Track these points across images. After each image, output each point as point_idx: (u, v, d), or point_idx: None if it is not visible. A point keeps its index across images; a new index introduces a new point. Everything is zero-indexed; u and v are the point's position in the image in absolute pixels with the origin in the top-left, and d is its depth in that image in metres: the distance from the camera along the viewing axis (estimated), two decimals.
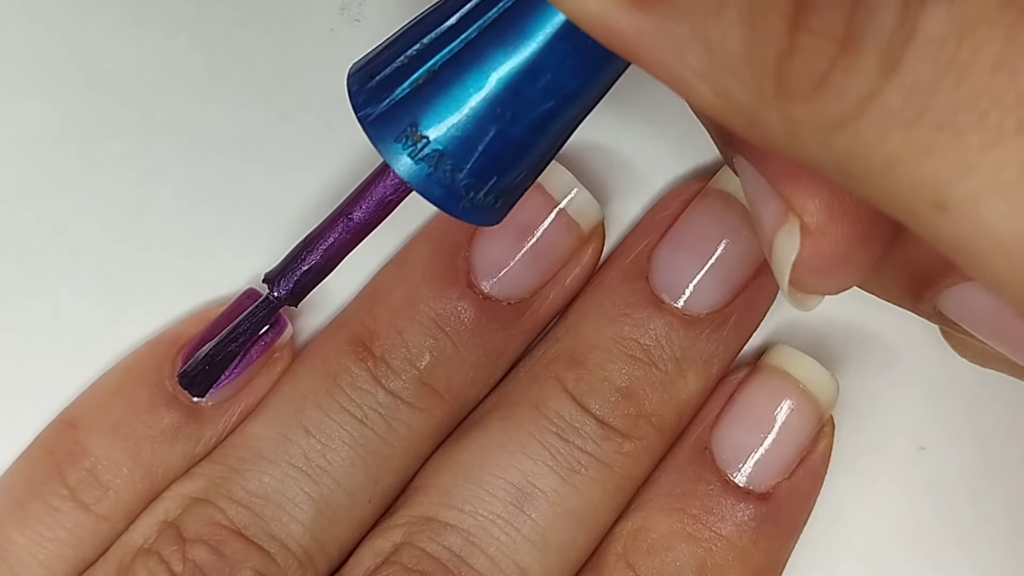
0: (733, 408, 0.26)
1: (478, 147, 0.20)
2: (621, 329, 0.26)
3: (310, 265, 0.23)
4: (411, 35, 0.20)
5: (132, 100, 0.27)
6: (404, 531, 0.25)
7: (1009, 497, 0.28)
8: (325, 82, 0.27)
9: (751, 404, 0.26)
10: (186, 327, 0.27)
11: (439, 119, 0.19)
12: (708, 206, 0.26)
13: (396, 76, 0.20)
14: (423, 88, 0.19)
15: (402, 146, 0.20)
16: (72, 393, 0.27)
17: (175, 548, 0.25)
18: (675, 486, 0.26)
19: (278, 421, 0.26)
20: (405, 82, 0.20)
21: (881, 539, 0.28)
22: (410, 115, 0.20)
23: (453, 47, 0.19)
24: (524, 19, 0.19)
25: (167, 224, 0.27)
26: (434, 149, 0.20)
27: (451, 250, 0.26)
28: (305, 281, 0.23)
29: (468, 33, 0.19)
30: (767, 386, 0.26)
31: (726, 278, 0.26)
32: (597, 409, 0.26)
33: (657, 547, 0.25)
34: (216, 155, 0.27)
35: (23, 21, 0.27)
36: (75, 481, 0.25)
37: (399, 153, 0.20)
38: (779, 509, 0.26)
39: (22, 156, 0.27)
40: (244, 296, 0.26)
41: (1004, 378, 0.28)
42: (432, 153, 0.20)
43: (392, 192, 0.22)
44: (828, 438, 0.27)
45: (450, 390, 0.26)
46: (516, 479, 0.25)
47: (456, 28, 0.19)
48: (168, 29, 0.27)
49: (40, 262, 0.27)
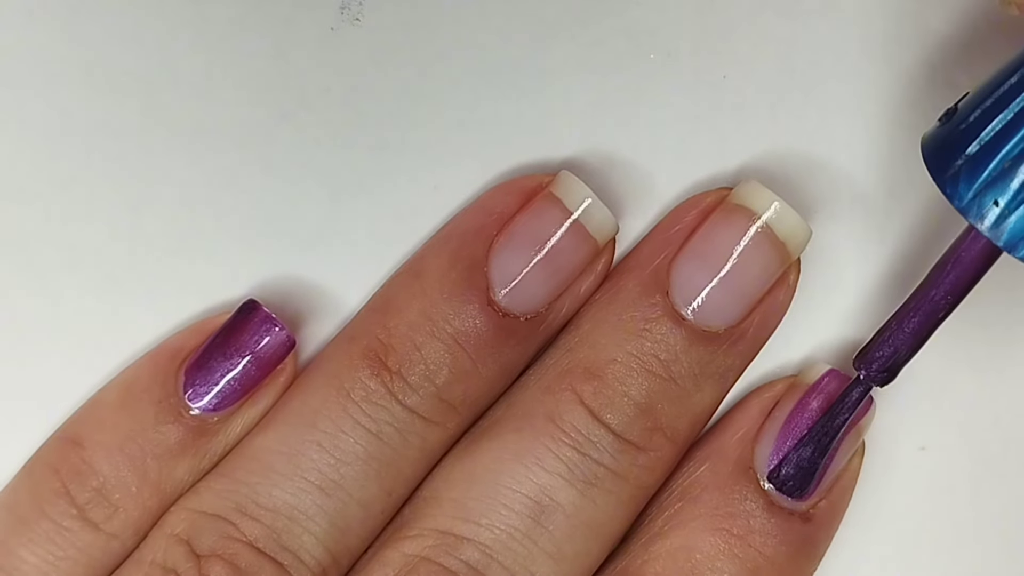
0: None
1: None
2: (641, 344, 0.26)
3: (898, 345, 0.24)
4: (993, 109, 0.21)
5: (132, 100, 0.27)
6: (418, 543, 0.25)
7: (1009, 497, 0.28)
8: (325, 82, 0.27)
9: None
10: (186, 338, 0.27)
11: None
12: (728, 221, 0.26)
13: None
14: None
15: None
16: (72, 393, 0.27)
17: (191, 564, 0.25)
18: (718, 506, 0.26)
19: (290, 435, 0.26)
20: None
21: (881, 539, 0.28)
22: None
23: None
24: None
25: (167, 224, 0.27)
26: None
27: (469, 265, 0.26)
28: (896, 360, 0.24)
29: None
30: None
31: (744, 294, 0.26)
32: (614, 423, 0.26)
33: (701, 567, 0.25)
34: (216, 155, 0.27)
35: (23, 20, 0.27)
36: (84, 501, 0.25)
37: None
38: (819, 528, 0.26)
39: (22, 156, 0.27)
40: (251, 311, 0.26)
41: (1004, 378, 0.28)
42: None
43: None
44: (859, 456, 0.27)
45: (465, 403, 0.26)
46: (533, 492, 0.25)
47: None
48: (168, 29, 0.27)
49: (40, 262, 0.27)
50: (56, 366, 0.27)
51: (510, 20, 0.27)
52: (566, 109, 0.27)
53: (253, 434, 0.26)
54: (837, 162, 0.27)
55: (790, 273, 0.26)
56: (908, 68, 0.27)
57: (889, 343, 0.24)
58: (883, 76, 0.27)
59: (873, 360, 0.25)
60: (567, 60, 0.27)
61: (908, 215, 0.28)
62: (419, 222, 0.27)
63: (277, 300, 0.27)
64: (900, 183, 0.28)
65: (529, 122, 0.27)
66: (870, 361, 0.25)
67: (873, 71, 0.27)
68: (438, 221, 0.27)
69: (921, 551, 0.28)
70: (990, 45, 0.27)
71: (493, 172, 0.27)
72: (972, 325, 0.28)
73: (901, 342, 0.24)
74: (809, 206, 0.27)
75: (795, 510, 0.26)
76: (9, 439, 0.27)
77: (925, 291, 0.24)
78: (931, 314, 0.24)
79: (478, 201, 0.27)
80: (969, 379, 0.28)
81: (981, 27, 0.27)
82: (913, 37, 0.27)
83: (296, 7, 0.27)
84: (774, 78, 0.27)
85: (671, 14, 0.27)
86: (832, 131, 0.27)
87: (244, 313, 0.26)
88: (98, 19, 0.27)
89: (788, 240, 0.26)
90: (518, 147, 0.28)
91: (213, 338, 0.26)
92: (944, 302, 0.24)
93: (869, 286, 0.28)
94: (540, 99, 0.27)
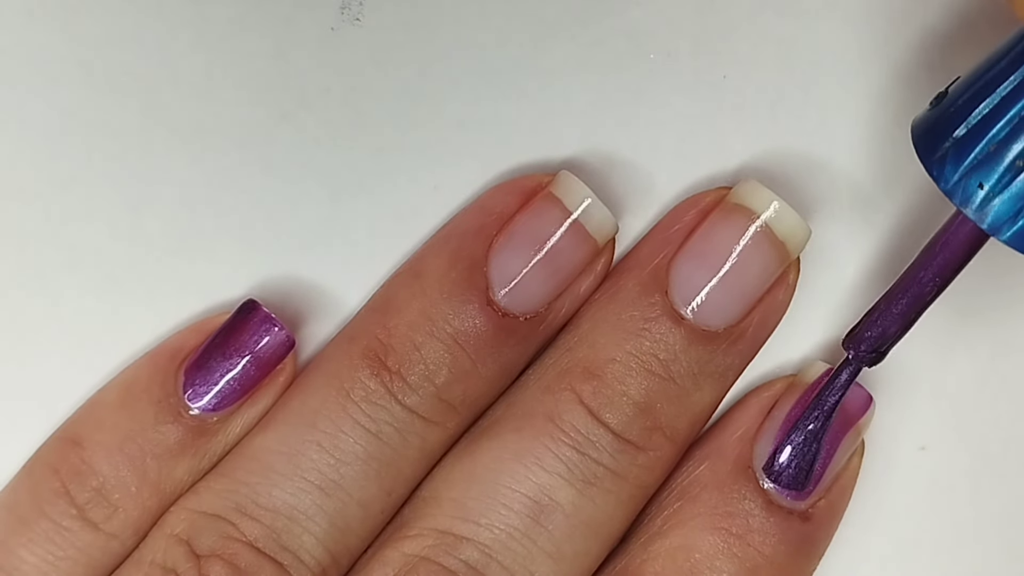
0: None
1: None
2: (640, 343, 0.26)
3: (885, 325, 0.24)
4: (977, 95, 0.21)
5: (132, 100, 0.27)
6: (418, 543, 0.25)
7: (1009, 497, 0.28)
8: (325, 82, 0.27)
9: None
10: (186, 338, 0.27)
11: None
12: (728, 221, 0.26)
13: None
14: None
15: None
16: (72, 393, 0.27)
17: (191, 564, 0.25)
18: (718, 505, 0.26)
19: (289, 435, 0.26)
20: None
21: (881, 539, 0.28)
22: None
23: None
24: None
25: (167, 224, 0.27)
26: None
27: (469, 265, 0.26)
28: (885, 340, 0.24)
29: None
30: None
31: (744, 293, 0.26)
32: (614, 422, 0.26)
33: (700, 567, 0.25)
34: (216, 155, 0.27)
35: (23, 20, 0.27)
36: (83, 501, 0.25)
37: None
38: (819, 528, 0.26)
39: (22, 156, 0.27)
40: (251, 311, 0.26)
41: (1004, 378, 0.28)
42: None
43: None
44: (858, 456, 0.27)
45: (464, 403, 0.26)
46: (532, 492, 0.25)
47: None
48: (168, 29, 0.27)
49: (40, 262, 0.27)
50: (56, 366, 0.27)
51: (510, 20, 0.27)
52: (566, 109, 0.27)
53: (253, 434, 0.26)
54: (837, 162, 0.27)
55: (789, 272, 0.26)
56: (908, 68, 0.27)
57: (877, 324, 0.24)
58: (883, 76, 0.27)
59: (862, 340, 0.25)
60: (567, 60, 0.27)
61: (908, 215, 0.28)
62: (419, 222, 0.27)
63: (277, 300, 0.27)
64: (900, 183, 0.28)
65: (529, 122, 0.27)
66: (858, 341, 0.25)
67: (873, 71, 0.27)
68: (438, 221, 0.27)
69: (921, 551, 0.28)
70: (990, 45, 0.27)
71: (493, 172, 0.27)
72: (973, 325, 0.28)
73: (889, 323, 0.24)
74: (809, 206, 0.27)
75: (794, 509, 0.26)
76: (9, 439, 0.27)
77: (914, 273, 0.24)
78: (919, 296, 0.24)
79: (478, 201, 0.27)
80: (969, 379, 0.28)
81: (981, 27, 0.27)
82: (913, 37, 0.27)
83: (296, 7, 0.27)
84: (774, 78, 0.27)
85: (671, 14, 0.27)
86: (832, 131, 0.27)
87: (244, 313, 0.26)
88: (98, 19, 0.27)
89: (787, 240, 0.26)
90: (518, 147, 0.28)
91: (213, 338, 0.26)
92: (932, 284, 0.24)
93: (868, 286, 0.28)
94: (540, 99, 0.27)
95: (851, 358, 0.25)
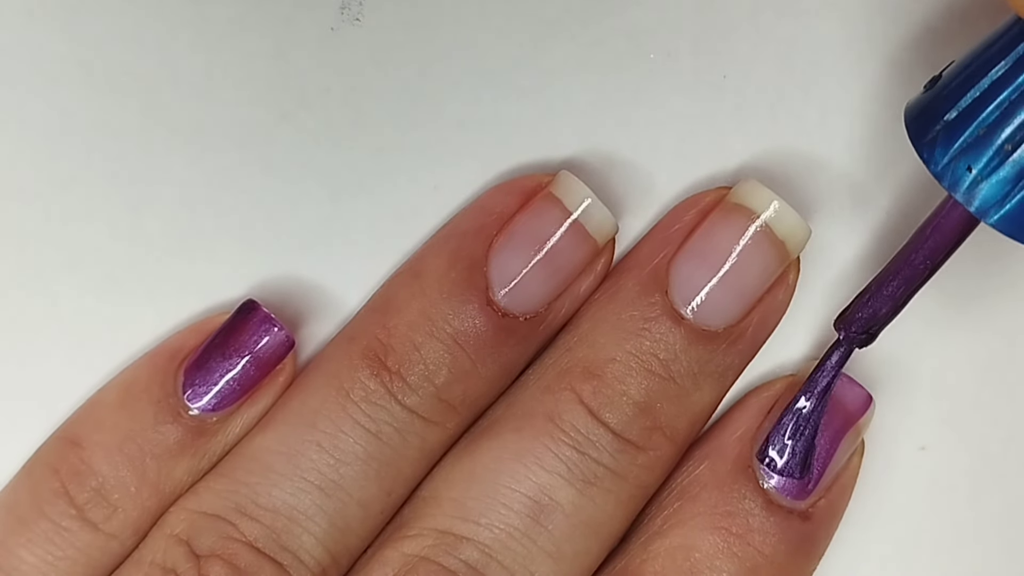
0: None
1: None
2: (640, 343, 0.26)
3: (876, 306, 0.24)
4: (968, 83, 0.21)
5: (132, 100, 0.27)
6: (417, 543, 0.25)
7: (1009, 497, 0.28)
8: (325, 82, 0.27)
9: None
10: (185, 338, 0.27)
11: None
12: (728, 220, 0.26)
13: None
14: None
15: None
16: (72, 393, 0.27)
17: (190, 564, 0.25)
18: (717, 504, 0.26)
19: (289, 435, 0.26)
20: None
21: (881, 539, 0.28)
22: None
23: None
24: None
25: (167, 224, 0.27)
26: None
27: (469, 265, 0.26)
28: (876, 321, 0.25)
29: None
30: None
31: (744, 293, 0.26)
32: (614, 422, 0.26)
33: (700, 566, 0.25)
34: (216, 155, 0.27)
35: (23, 20, 0.27)
36: (83, 501, 0.25)
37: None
38: (819, 527, 0.26)
39: (22, 156, 0.27)
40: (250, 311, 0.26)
41: (1004, 378, 0.28)
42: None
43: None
44: (858, 455, 0.27)
45: (464, 403, 0.26)
46: (532, 492, 0.25)
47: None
48: (168, 29, 0.27)
49: (40, 262, 0.27)
50: (56, 366, 0.27)
51: (510, 20, 0.27)
52: (566, 109, 0.27)
53: (252, 434, 0.26)
54: (837, 162, 0.27)
55: (789, 272, 0.26)
56: (908, 68, 0.27)
57: (868, 305, 0.25)
58: (883, 76, 0.27)
59: (852, 322, 0.25)
60: (567, 60, 0.27)
61: (908, 214, 0.28)
62: (419, 222, 0.27)
63: (277, 300, 0.27)
64: (900, 182, 0.28)
65: (529, 122, 0.27)
66: (849, 323, 0.25)
67: (873, 71, 0.27)
68: (438, 221, 0.27)
69: (921, 551, 0.28)
70: None
71: (493, 172, 0.28)
72: (973, 325, 0.28)
73: (880, 304, 0.24)
74: (809, 206, 0.27)
75: (794, 509, 0.26)
76: (9, 439, 0.27)
77: (905, 256, 0.24)
78: (910, 278, 0.24)
79: (478, 201, 0.27)
80: (969, 379, 0.28)
81: (981, 27, 0.27)
82: (913, 37, 0.27)
83: (296, 7, 0.27)
84: (774, 78, 0.27)
85: (671, 14, 0.27)
86: (832, 131, 0.27)
87: (243, 313, 0.26)
88: (98, 19, 0.27)
89: (787, 239, 0.26)
90: (518, 147, 0.28)
91: (212, 338, 0.26)
92: (923, 267, 0.24)
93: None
94: (540, 99, 0.27)
95: (842, 339, 0.25)
